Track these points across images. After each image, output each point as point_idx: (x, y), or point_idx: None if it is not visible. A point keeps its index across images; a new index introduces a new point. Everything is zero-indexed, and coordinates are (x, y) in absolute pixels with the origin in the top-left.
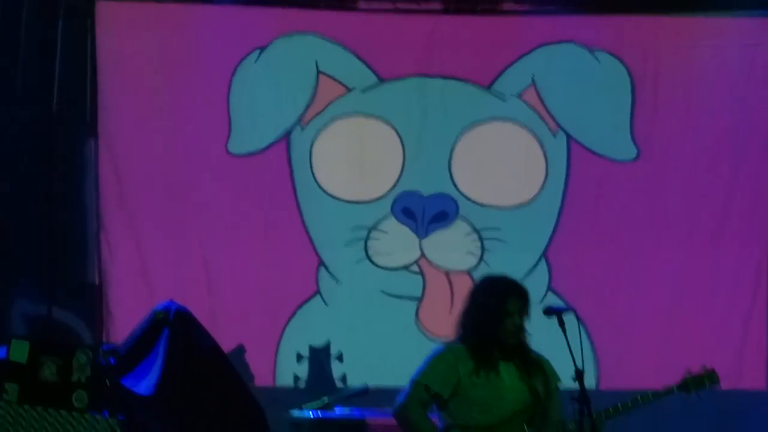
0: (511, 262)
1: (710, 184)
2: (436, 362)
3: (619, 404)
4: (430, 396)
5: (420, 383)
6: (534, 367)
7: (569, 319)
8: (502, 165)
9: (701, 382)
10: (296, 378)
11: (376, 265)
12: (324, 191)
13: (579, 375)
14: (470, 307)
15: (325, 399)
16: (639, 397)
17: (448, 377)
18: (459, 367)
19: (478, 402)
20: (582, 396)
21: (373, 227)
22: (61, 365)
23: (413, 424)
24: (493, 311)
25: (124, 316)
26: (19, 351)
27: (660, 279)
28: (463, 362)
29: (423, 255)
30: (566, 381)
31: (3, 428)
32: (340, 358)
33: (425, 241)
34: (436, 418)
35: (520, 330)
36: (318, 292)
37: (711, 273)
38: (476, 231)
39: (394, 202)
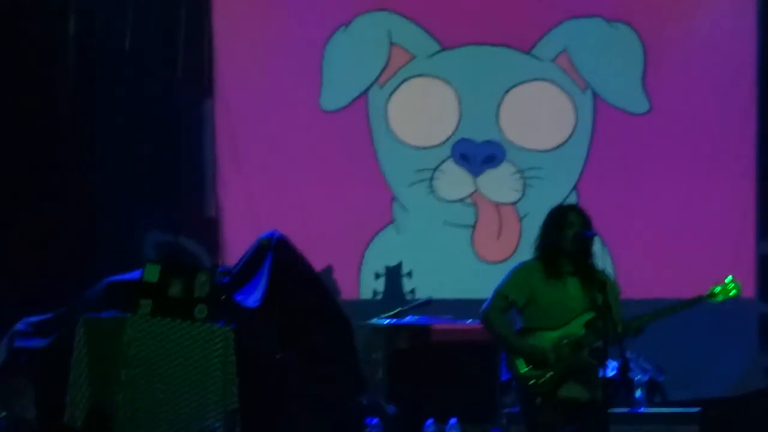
0: (548, 195)
1: (706, 128)
2: (514, 275)
3: (658, 310)
4: (508, 303)
5: (500, 293)
6: (596, 280)
7: (595, 240)
8: (540, 116)
9: (726, 291)
10: (375, 292)
11: (439, 199)
12: (396, 139)
13: (602, 286)
14: (542, 229)
15: (398, 309)
16: (677, 305)
17: (524, 288)
18: (532, 278)
19: (547, 307)
20: (605, 303)
21: (436, 168)
22: (185, 284)
23: (493, 326)
24: (556, 224)
25: (236, 244)
26: (152, 272)
27: (667, 207)
28: (536, 274)
29: (476, 190)
30: None
31: (140, 336)
32: (409, 275)
33: (478, 179)
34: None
35: (581, 237)
36: (392, 221)
37: (708, 201)
38: (520, 170)
39: (453, 147)
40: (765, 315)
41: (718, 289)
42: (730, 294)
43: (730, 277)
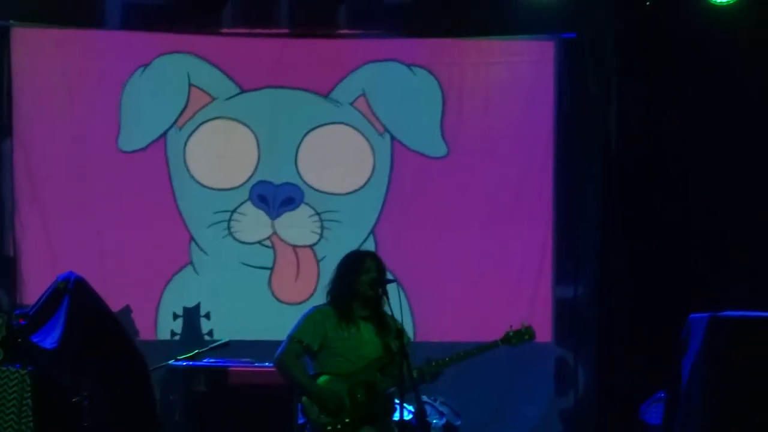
0: (346, 239)
1: (505, 175)
2: (307, 320)
3: (453, 355)
4: (303, 348)
5: (294, 338)
6: (388, 325)
7: (391, 285)
8: (338, 160)
9: (521, 336)
10: (173, 333)
11: (237, 241)
12: (194, 180)
13: (399, 333)
14: (336, 273)
15: (195, 351)
16: (473, 349)
17: (317, 332)
18: (326, 323)
19: (341, 352)
20: (401, 350)
21: (234, 210)
22: None
23: (288, 371)
24: (352, 270)
25: (34, 283)
26: None
27: (466, 252)
28: (329, 319)
29: (274, 233)
30: None
31: None
32: (207, 316)
33: (276, 222)
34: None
35: (377, 282)
36: (190, 262)
37: (507, 246)
38: (317, 213)
39: (251, 189)
40: (561, 359)
41: (512, 333)
42: (524, 338)
43: (523, 323)
